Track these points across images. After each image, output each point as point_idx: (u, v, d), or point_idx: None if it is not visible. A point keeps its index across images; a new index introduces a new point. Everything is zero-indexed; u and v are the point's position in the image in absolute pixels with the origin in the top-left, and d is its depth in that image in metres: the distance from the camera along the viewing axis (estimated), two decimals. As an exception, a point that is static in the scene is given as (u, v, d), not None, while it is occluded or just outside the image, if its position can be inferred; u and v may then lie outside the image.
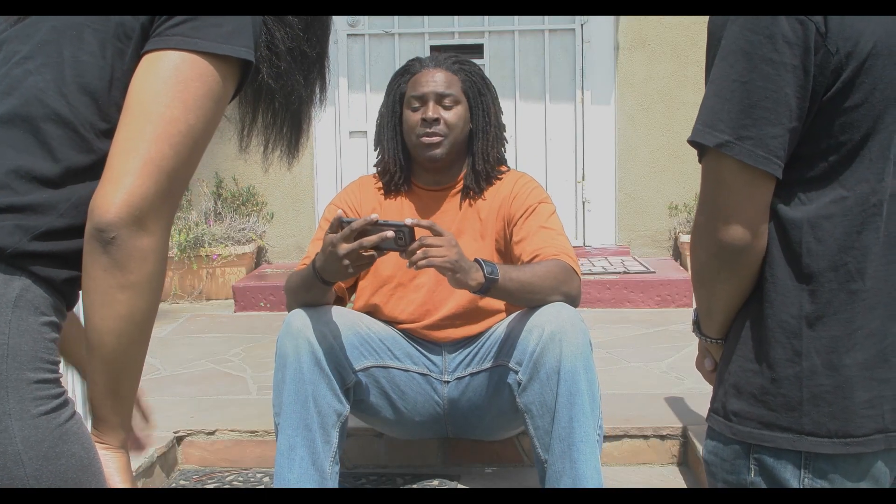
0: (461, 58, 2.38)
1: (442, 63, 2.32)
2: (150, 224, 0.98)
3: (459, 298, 2.27)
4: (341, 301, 2.33)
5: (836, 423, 1.11)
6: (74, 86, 1.01)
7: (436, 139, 2.26)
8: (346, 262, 1.95)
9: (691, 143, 1.14)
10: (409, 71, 2.35)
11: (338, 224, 1.96)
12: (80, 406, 1.09)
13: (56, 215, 0.99)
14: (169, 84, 1.00)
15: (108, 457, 1.05)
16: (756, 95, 1.08)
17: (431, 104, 2.27)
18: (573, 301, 2.14)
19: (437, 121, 2.26)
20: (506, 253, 2.30)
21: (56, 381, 0.99)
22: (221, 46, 1.02)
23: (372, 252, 1.95)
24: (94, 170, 1.01)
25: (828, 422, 1.11)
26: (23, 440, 0.94)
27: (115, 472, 1.05)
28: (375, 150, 2.41)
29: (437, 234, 1.97)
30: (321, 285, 2.10)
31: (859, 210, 1.11)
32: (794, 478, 1.13)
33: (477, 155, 2.32)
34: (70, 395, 1.03)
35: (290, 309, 2.20)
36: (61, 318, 1.03)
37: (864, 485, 1.13)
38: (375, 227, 1.93)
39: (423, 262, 1.93)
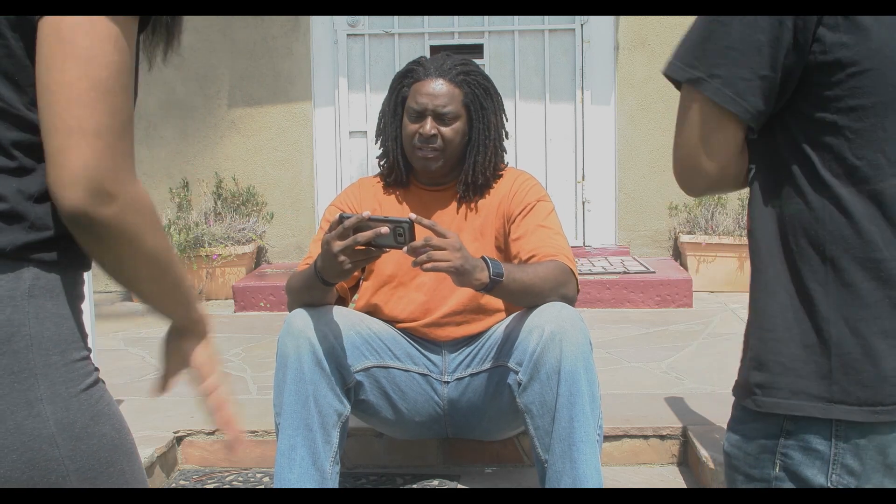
0: (467, 66, 2.31)
1: (446, 73, 2.26)
2: (108, 188, 0.93)
3: (460, 296, 2.27)
4: (343, 301, 2.33)
5: (866, 392, 1.10)
6: None
7: (431, 154, 2.26)
8: (342, 258, 1.94)
9: (665, 75, 1.16)
10: (411, 75, 2.30)
11: (337, 221, 1.96)
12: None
13: (34, 202, 0.97)
14: (55, 47, 0.93)
15: (201, 347, 1.17)
16: (733, 37, 1.10)
17: (429, 120, 2.24)
18: (570, 302, 2.14)
19: (434, 137, 2.25)
20: (505, 250, 2.30)
21: (86, 359, 1.00)
22: None
23: (370, 248, 1.94)
24: None
25: (858, 390, 1.10)
26: (56, 422, 0.96)
27: (206, 360, 1.17)
28: (377, 142, 2.41)
29: (439, 234, 1.96)
30: (322, 286, 2.10)
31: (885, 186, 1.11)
32: (825, 449, 1.11)
33: (472, 167, 2.30)
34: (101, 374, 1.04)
35: (291, 309, 2.20)
36: (80, 290, 1.03)
37: (893, 455, 1.12)
38: (370, 223, 1.91)
39: (428, 265, 1.92)
